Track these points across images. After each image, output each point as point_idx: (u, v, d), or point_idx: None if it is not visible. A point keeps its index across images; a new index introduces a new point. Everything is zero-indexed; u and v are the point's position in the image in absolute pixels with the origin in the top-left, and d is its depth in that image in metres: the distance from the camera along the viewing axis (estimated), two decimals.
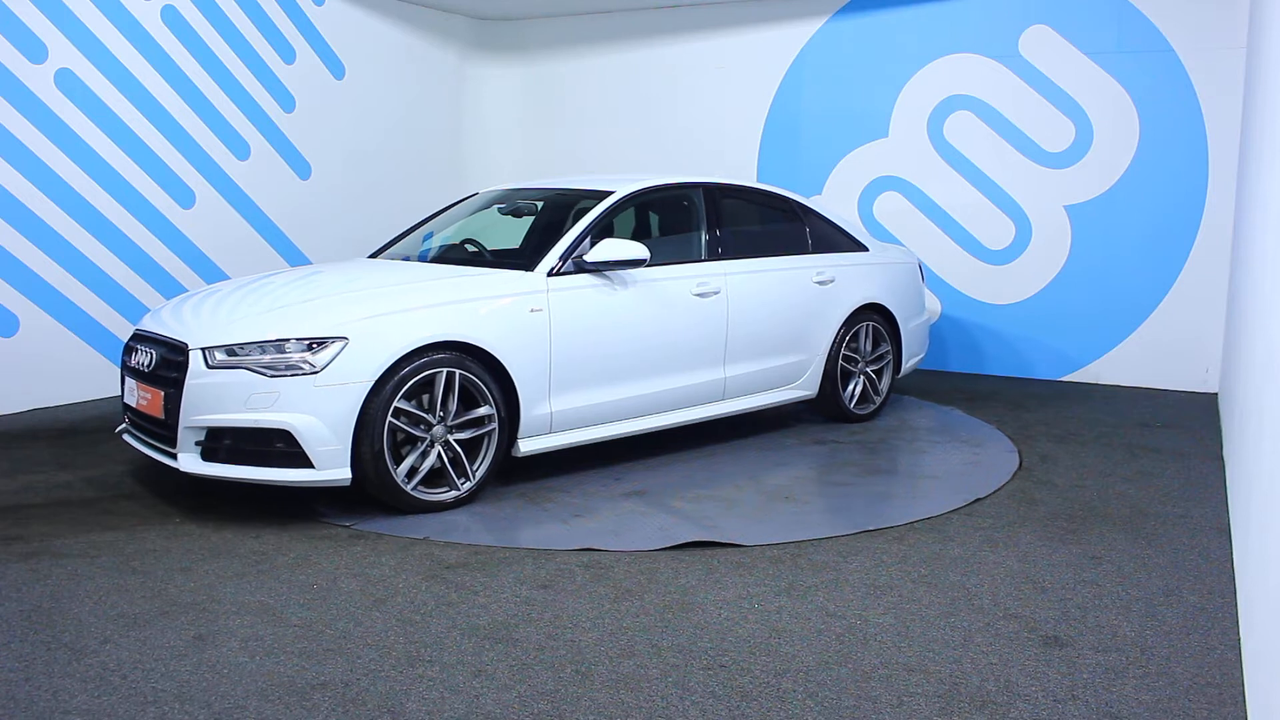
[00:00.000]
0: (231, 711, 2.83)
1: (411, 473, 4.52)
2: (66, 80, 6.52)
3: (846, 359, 6.40)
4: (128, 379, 4.82)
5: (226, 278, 7.60)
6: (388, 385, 4.38)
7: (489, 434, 4.71)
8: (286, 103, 8.01)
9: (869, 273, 6.56)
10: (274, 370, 4.31)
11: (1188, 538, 4.37)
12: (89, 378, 6.78)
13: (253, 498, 4.75)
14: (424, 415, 4.51)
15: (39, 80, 6.37)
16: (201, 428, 4.37)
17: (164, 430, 4.51)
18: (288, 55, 7.99)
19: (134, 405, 4.73)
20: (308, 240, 8.28)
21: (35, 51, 6.34)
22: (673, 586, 3.75)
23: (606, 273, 5.17)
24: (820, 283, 6.21)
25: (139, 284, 7.02)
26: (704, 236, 5.79)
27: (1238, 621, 3.49)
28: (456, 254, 5.73)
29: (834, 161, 8.60)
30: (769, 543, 4.23)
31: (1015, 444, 5.94)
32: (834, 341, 6.28)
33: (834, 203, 8.64)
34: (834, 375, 6.30)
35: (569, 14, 9.57)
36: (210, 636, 3.30)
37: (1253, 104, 5.97)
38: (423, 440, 4.54)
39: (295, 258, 8.20)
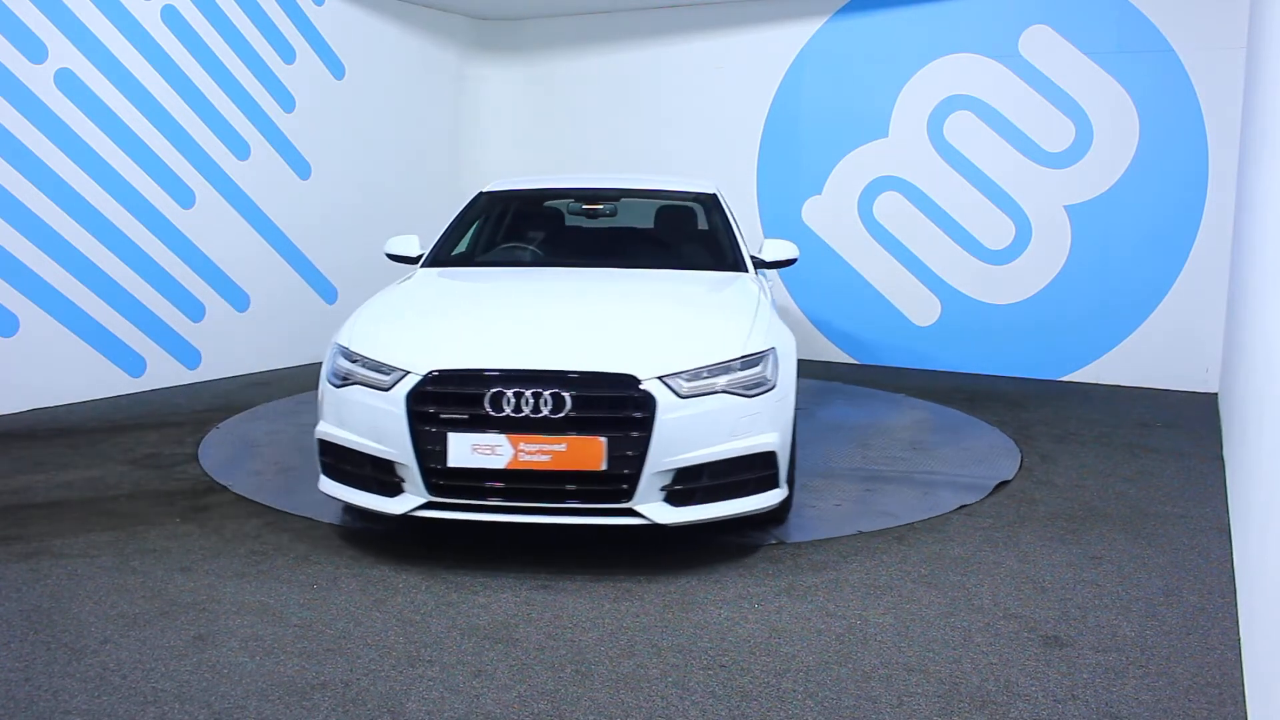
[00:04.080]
0: (231, 711, 2.83)
1: None
2: (66, 80, 6.52)
3: None
4: (470, 434, 3.75)
5: (227, 278, 7.61)
6: None
7: None
8: (286, 103, 8.01)
9: None
10: (747, 390, 3.95)
11: (1188, 538, 4.37)
12: (89, 378, 6.77)
13: (246, 499, 4.76)
14: None
15: (39, 80, 6.37)
16: (670, 470, 3.80)
17: (599, 485, 3.79)
18: (288, 55, 7.99)
19: (502, 466, 3.74)
20: (307, 240, 8.28)
21: (35, 51, 6.34)
22: (673, 586, 3.75)
23: (765, 271, 5.34)
24: None
25: (139, 284, 7.02)
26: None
27: (1238, 621, 3.49)
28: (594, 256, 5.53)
29: (834, 161, 8.60)
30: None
31: (1015, 444, 5.94)
32: None
33: (834, 203, 8.65)
34: None
35: (569, 14, 9.57)
36: (210, 636, 3.30)
37: (1253, 104, 5.97)
38: None
39: (295, 257, 8.20)
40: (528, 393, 3.74)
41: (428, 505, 3.86)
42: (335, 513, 4.54)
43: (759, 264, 5.33)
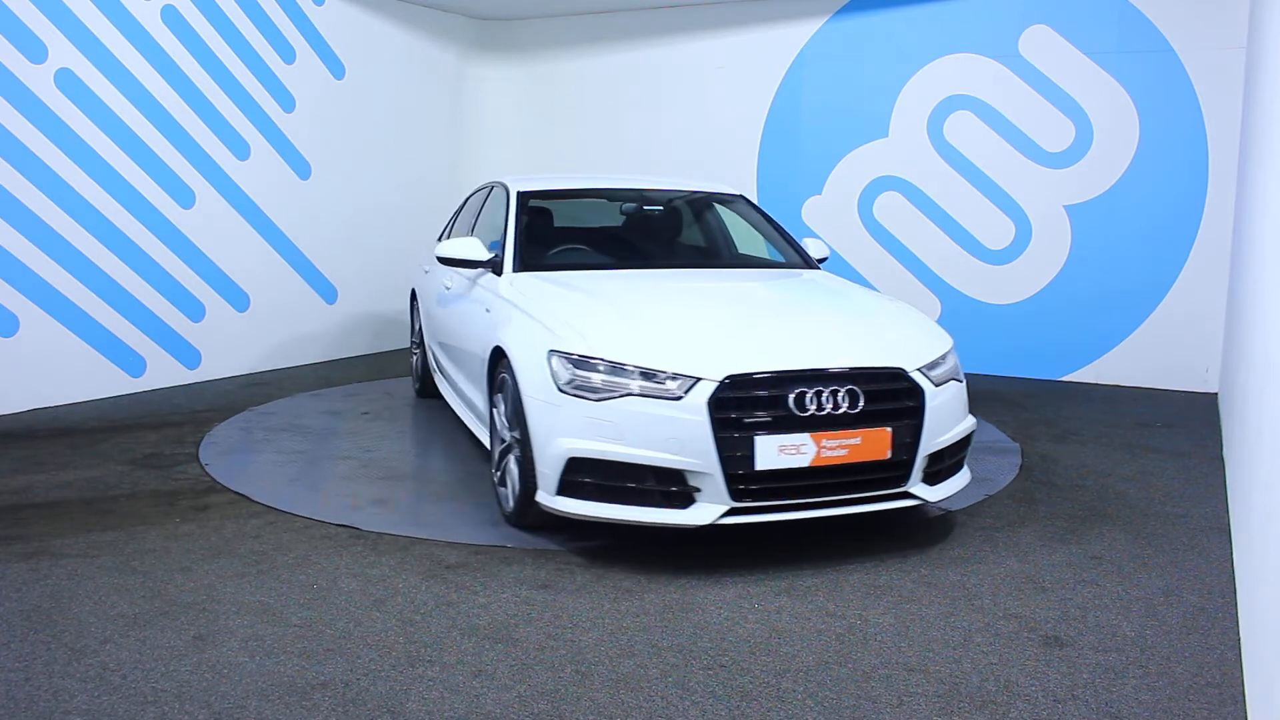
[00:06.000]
0: (231, 711, 2.83)
1: None
2: (66, 80, 6.52)
3: None
4: (776, 436, 3.77)
5: (227, 278, 7.61)
6: None
7: None
8: (286, 103, 8.01)
9: None
10: (958, 378, 4.32)
11: (1188, 538, 4.37)
12: (89, 378, 6.77)
13: (246, 499, 4.76)
14: None
15: (39, 80, 6.37)
16: (927, 454, 4.07)
17: (884, 473, 3.97)
18: (288, 55, 7.99)
19: (806, 465, 3.81)
20: (307, 240, 8.28)
21: (35, 51, 6.34)
22: (673, 586, 3.75)
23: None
24: None
25: (139, 284, 7.02)
26: None
27: (1238, 621, 3.49)
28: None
29: (834, 161, 8.60)
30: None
31: (1015, 444, 5.94)
32: None
33: (834, 202, 8.65)
34: None
35: (569, 14, 9.57)
36: (210, 636, 3.30)
37: (1253, 104, 5.97)
38: None
39: (295, 258, 8.20)
40: (827, 391, 3.85)
41: (731, 512, 3.81)
42: (335, 513, 4.54)
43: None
